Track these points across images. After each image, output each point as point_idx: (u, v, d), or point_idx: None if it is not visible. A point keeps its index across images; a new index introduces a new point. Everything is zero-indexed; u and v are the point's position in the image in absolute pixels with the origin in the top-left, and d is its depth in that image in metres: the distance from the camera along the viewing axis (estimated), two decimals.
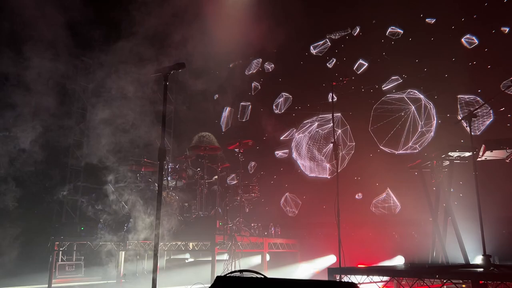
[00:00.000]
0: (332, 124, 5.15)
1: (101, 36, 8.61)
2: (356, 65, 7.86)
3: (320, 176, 7.30)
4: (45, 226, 8.66)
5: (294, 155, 7.56)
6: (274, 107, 8.59)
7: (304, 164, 7.43)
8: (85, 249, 7.99)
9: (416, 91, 7.11)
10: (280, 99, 8.43)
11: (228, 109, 8.79)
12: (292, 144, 7.63)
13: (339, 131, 7.42)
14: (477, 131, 6.54)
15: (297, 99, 8.58)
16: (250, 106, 8.76)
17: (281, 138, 8.06)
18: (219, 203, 7.41)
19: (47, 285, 7.04)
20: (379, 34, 8.14)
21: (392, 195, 7.27)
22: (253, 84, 8.97)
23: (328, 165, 7.09)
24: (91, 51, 9.55)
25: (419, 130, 6.81)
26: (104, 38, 8.58)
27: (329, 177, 7.27)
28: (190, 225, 6.92)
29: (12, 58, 7.47)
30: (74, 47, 9.26)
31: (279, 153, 7.51)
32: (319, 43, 8.17)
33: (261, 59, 8.91)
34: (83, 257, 8.84)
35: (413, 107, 6.95)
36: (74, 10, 7.82)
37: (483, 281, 3.99)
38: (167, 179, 7.56)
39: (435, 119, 6.77)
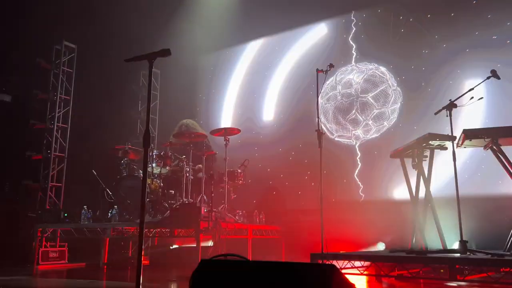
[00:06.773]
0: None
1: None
2: None
3: (344, 136, 8.51)
4: (28, 212, 8.59)
5: (322, 119, 8.56)
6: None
7: (330, 126, 8.60)
8: (68, 236, 7.96)
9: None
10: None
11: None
12: (320, 111, 8.56)
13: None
14: None
15: None
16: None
17: None
18: (204, 190, 7.45)
19: (31, 272, 7.02)
20: None
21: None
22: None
23: (351, 128, 8.37)
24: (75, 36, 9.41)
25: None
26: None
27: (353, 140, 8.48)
28: (175, 212, 6.94)
29: None
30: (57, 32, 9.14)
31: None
32: None
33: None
34: (66, 244, 8.81)
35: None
36: None
37: (459, 266, 4.14)
38: (152, 166, 7.56)
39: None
